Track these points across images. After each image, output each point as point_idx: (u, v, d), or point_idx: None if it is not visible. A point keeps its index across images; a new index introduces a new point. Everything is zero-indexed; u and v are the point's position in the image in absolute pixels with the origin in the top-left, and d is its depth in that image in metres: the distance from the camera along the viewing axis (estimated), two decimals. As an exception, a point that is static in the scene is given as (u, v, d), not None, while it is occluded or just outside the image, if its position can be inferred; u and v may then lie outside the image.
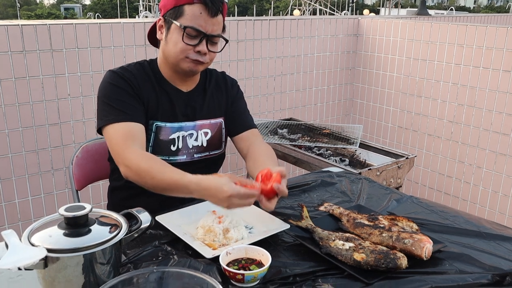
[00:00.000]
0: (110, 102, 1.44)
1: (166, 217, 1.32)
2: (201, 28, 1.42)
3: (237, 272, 1.03)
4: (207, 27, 1.43)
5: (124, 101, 1.44)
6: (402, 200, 1.53)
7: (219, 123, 1.63)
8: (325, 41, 3.41)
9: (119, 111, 1.43)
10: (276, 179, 1.29)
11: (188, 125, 1.56)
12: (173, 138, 1.53)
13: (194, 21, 1.41)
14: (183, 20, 1.42)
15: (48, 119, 2.36)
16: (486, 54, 2.79)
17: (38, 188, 2.40)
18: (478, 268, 1.12)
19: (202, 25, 1.42)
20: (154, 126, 1.50)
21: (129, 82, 1.47)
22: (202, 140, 1.58)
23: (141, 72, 1.53)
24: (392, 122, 3.46)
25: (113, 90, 1.45)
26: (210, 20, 1.43)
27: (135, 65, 1.54)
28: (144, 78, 1.52)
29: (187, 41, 1.43)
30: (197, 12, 1.41)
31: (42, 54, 2.28)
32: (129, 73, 1.49)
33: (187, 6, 1.42)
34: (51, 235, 1.02)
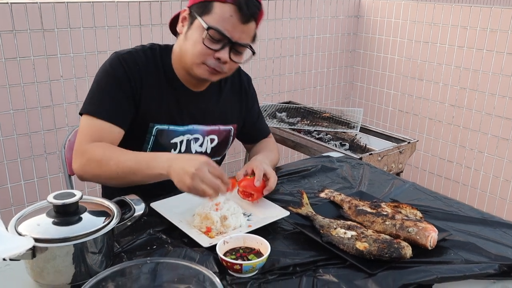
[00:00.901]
0: (100, 91, 1.33)
1: (161, 204, 1.27)
2: (226, 33, 1.24)
3: (235, 263, 0.99)
4: (235, 33, 1.25)
5: (114, 98, 1.31)
6: (404, 186, 1.49)
7: (228, 130, 1.51)
8: (325, 22, 3.33)
9: (103, 105, 1.31)
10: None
11: (196, 128, 1.43)
12: (175, 142, 1.41)
13: (221, 23, 1.24)
14: (209, 19, 1.24)
15: (40, 102, 2.30)
16: (490, 36, 2.72)
17: (31, 172, 2.35)
18: (484, 258, 1.09)
19: (229, 29, 1.24)
20: (154, 130, 1.38)
21: (129, 76, 1.32)
22: (207, 147, 1.48)
23: (150, 62, 1.37)
24: (392, 106, 3.40)
25: (108, 80, 1.32)
26: (240, 26, 1.25)
27: (145, 51, 1.38)
28: (151, 71, 1.36)
29: (208, 44, 1.25)
30: (227, 14, 1.23)
31: (33, 34, 2.20)
32: (134, 63, 1.34)
33: (217, 4, 1.24)
34: (39, 223, 0.98)
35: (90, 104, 1.33)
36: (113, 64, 1.33)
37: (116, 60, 1.33)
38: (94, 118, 1.30)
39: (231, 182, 1.21)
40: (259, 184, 1.30)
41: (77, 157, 1.30)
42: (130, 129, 1.36)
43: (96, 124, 1.30)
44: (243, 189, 1.29)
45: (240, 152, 3.11)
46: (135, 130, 1.37)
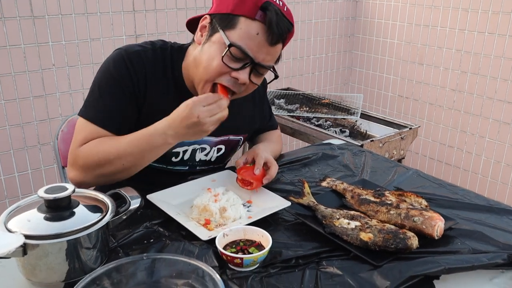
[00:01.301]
0: (100, 93, 1.21)
1: (157, 195, 1.23)
2: (250, 53, 1.12)
3: (235, 256, 0.96)
4: (259, 54, 1.13)
5: (114, 102, 1.20)
6: (408, 173, 1.45)
7: (237, 140, 1.42)
8: (323, 6, 3.26)
9: (103, 111, 1.20)
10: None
11: (205, 139, 1.33)
12: (178, 151, 1.31)
13: (245, 41, 1.11)
14: (233, 34, 1.12)
15: (32, 91, 2.24)
16: (492, 18, 2.66)
17: (25, 164, 2.30)
18: (492, 247, 1.05)
19: (253, 49, 1.12)
20: None
21: (133, 80, 1.20)
22: (212, 156, 1.39)
23: (158, 66, 1.24)
24: (392, 91, 3.35)
25: (110, 82, 1.21)
26: (266, 47, 1.12)
27: (155, 51, 1.24)
28: (160, 76, 1.23)
29: (227, 62, 1.13)
30: (253, 32, 1.11)
31: (22, 21, 2.13)
32: (141, 66, 1.21)
33: (243, 19, 1.11)
34: (30, 219, 0.94)
35: (90, 108, 1.22)
36: (117, 64, 1.21)
37: (121, 61, 1.21)
38: (92, 124, 1.20)
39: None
40: (258, 172, 1.26)
41: (72, 164, 1.22)
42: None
43: (93, 130, 1.20)
44: (242, 177, 1.25)
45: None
46: None
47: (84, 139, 1.20)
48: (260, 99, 1.49)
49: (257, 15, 1.10)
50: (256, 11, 1.10)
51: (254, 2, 1.11)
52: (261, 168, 1.28)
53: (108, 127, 1.20)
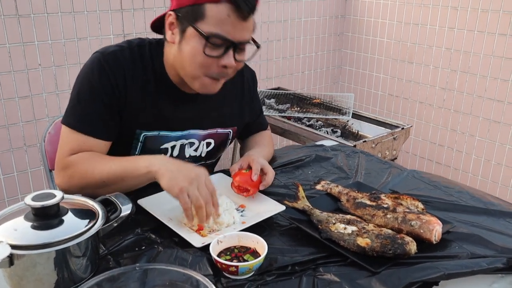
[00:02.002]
0: (79, 101, 1.21)
1: (149, 200, 1.20)
2: (229, 36, 1.11)
3: (230, 264, 0.93)
4: (236, 33, 1.12)
5: (94, 109, 1.20)
6: (402, 175, 1.43)
7: (226, 133, 1.41)
8: (313, 4, 3.24)
9: (83, 118, 1.20)
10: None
11: (193, 133, 1.33)
12: (166, 147, 1.30)
13: (219, 27, 1.10)
14: (205, 24, 1.10)
15: (17, 92, 2.18)
16: (481, 16, 2.67)
17: (10, 166, 2.25)
18: (490, 250, 1.04)
19: (230, 31, 1.11)
20: (142, 136, 1.26)
21: (111, 83, 1.19)
22: (202, 151, 1.37)
23: (137, 63, 1.23)
24: (382, 90, 3.35)
25: (88, 89, 1.20)
26: (241, 24, 1.11)
27: (132, 49, 1.23)
28: (139, 75, 1.22)
29: (210, 53, 1.12)
30: (223, 15, 1.09)
31: (7, 20, 2.08)
32: (118, 65, 1.20)
33: (209, 6, 1.09)
34: (16, 228, 0.90)
35: (71, 116, 1.22)
36: (95, 68, 1.20)
37: (98, 64, 1.20)
38: (75, 132, 1.20)
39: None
40: (256, 178, 1.24)
41: (59, 171, 1.22)
42: (117, 136, 1.26)
43: (78, 138, 1.20)
44: (239, 184, 1.22)
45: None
46: (121, 136, 1.26)
47: (71, 149, 1.20)
48: (250, 93, 1.47)
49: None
50: None
51: None
52: (259, 174, 1.25)
53: (91, 133, 1.21)
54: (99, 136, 1.21)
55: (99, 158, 1.20)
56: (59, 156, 1.22)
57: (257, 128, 1.56)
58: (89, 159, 1.19)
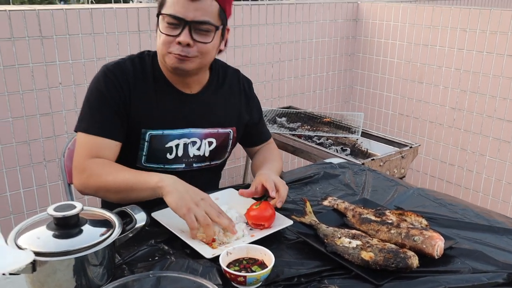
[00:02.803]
0: (90, 107, 1.35)
1: (162, 213, 1.25)
2: (178, 14, 1.26)
3: (238, 274, 0.98)
4: (187, 13, 1.26)
5: (103, 113, 1.34)
6: (408, 192, 1.47)
7: (227, 133, 1.49)
8: (324, 26, 3.32)
9: (94, 122, 1.33)
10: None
11: (193, 132, 1.43)
12: (171, 146, 1.40)
13: (172, 8, 1.27)
14: (165, 9, 1.28)
15: (39, 109, 2.28)
16: (490, 38, 2.71)
17: (30, 180, 2.33)
18: (492, 266, 1.07)
19: (180, 11, 1.26)
20: (147, 136, 1.38)
21: (117, 89, 1.34)
22: (205, 150, 1.46)
23: (137, 70, 1.38)
24: (392, 109, 3.39)
25: (97, 96, 1.35)
26: (191, 4, 1.26)
27: (133, 60, 1.40)
28: (140, 80, 1.37)
29: (167, 32, 1.28)
30: None
31: (31, 41, 2.19)
32: (121, 73, 1.35)
33: None
34: (39, 236, 0.96)
35: (83, 121, 1.35)
36: (101, 79, 1.35)
37: (103, 75, 1.36)
38: (89, 135, 1.32)
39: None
40: (274, 194, 1.29)
41: (78, 173, 1.32)
42: (124, 138, 1.37)
43: (92, 140, 1.32)
44: (253, 221, 1.23)
45: (240, 157, 3.10)
46: (129, 138, 1.38)
47: (88, 152, 1.32)
48: (246, 96, 1.56)
49: None
50: None
51: None
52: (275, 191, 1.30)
53: (103, 135, 1.33)
54: (110, 137, 1.33)
55: (114, 166, 1.31)
56: (77, 159, 1.33)
57: (260, 137, 1.64)
58: (106, 164, 1.30)
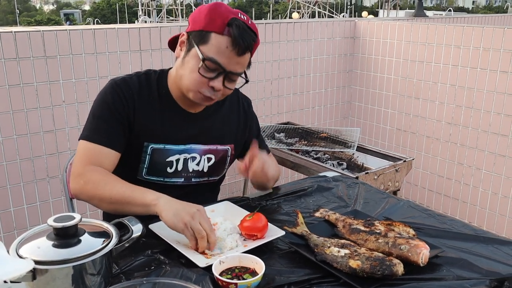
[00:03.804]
0: (94, 117, 1.40)
1: (159, 225, 1.29)
2: (222, 64, 1.30)
3: (230, 282, 1.02)
4: (230, 64, 1.31)
5: (107, 123, 1.38)
6: (399, 204, 1.51)
7: (225, 150, 1.54)
8: (322, 44, 3.40)
9: (97, 130, 1.38)
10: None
11: (194, 148, 1.47)
12: (171, 160, 1.45)
13: (217, 54, 1.29)
14: (206, 48, 1.29)
15: (42, 126, 2.35)
16: (483, 55, 2.77)
17: (34, 196, 2.39)
18: (476, 274, 1.10)
19: (224, 61, 1.29)
20: (149, 149, 1.42)
21: (123, 102, 1.39)
22: (204, 165, 1.51)
23: (143, 86, 1.43)
24: (390, 124, 3.44)
25: (102, 107, 1.40)
26: (235, 58, 1.30)
27: (139, 77, 1.44)
28: (145, 95, 1.42)
29: (203, 73, 1.31)
30: (223, 45, 1.28)
31: (36, 61, 2.26)
32: (127, 87, 1.41)
33: (214, 35, 1.28)
34: (39, 246, 1.00)
35: (87, 130, 1.40)
36: (108, 91, 1.41)
37: (110, 88, 1.41)
38: (91, 142, 1.37)
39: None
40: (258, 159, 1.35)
41: (75, 178, 1.36)
42: (126, 150, 1.42)
43: (93, 148, 1.37)
44: (246, 232, 1.26)
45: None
46: (131, 150, 1.42)
47: (88, 158, 1.36)
48: (245, 114, 1.60)
49: (225, 31, 1.28)
50: (224, 27, 1.28)
51: (222, 19, 1.28)
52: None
53: (104, 143, 1.37)
54: (111, 146, 1.37)
55: (112, 177, 1.35)
56: (76, 165, 1.37)
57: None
58: (104, 174, 1.34)
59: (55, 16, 39.49)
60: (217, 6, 1.32)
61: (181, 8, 20.43)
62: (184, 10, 21.25)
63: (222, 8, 1.32)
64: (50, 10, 48.77)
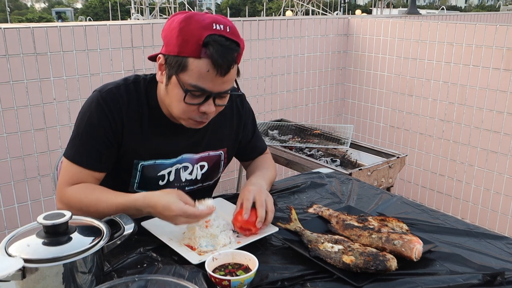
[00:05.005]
0: (78, 135, 1.31)
1: (151, 222, 1.29)
2: (208, 89, 1.20)
3: (223, 278, 1.01)
4: (216, 86, 1.20)
5: (91, 144, 1.30)
6: (392, 200, 1.51)
7: (218, 155, 1.48)
8: (315, 41, 3.39)
9: (81, 151, 1.31)
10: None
11: (185, 157, 1.41)
12: (163, 174, 1.40)
13: (199, 80, 1.18)
14: (186, 76, 1.18)
15: (33, 124, 2.32)
16: (475, 52, 2.78)
17: (25, 195, 2.36)
18: (469, 268, 1.10)
19: (209, 85, 1.19)
20: (139, 166, 1.36)
21: (109, 121, 1.29)
22: (197, 174, 1.45)
23: (132, 99, 1.32)
24: (383, 121, 3.45)
25: (87, 126, 1.30)
26: (220, 79, 1.19)
27: (127, 86, 1.33)
28: (134, 109, 1.32)
29: (190, 101, 1.21)
30: (203, 70, 1.17)
31: (26, 58, 2.24)
32: (115, 101, 1.30)
33: (192, 60, 1.17)
34: (29, 244, 0.99)
35: (71, 149, 1.33)
36: (93, 106, 1.30)
37: (96, 102, 1.30)
38: (73, 164, 1.31)
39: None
40: (247, 217, 1.25)
41: (58, 201, 1.34)
42: (116, 166, 1.37)
43: (74, 169, 1.32)
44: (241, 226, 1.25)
45: (234, 170, 3.14)
46: (121, 166, 1.37)
47: (69, 180, 1.32)
48: (239, 113, 1.52)
49: (201, 53, 1.16)
50: (199, 50, 1.16)
51: (195, 40, 1.16)
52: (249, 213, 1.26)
53: (85, 166, 1.32)
54: (92, 168, 1.32)
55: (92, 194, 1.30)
56: (58, 187, 1.34)
57: (254, 151, 1.62)
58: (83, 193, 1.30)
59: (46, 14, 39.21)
60: (187, 23, 1.18)
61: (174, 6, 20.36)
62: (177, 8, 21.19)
63: (192, 24, 1.17)
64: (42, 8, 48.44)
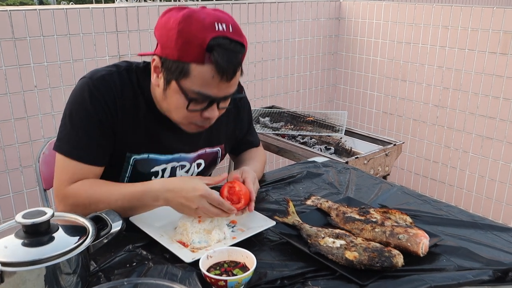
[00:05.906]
0: (72, 127, 1.20)
1: (140, 217, 1.21)
2: (212, 95, 1.13)
3: (219, 279, 0.94)
4: (221, 91, 1.13)
5: (89, 136, 1.20)
6: (392, 190, 1.45)
7: (215, 152, 1.43)
8: (306, 25, 3.30)
9: (77, 144, 1.20)
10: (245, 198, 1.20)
11: (183, 157, 1.34)
12: (157, 170, 1.31)
13: (202, 86, 1.10)
14: (189, 82, 1.10)
15: (13, 113, 2.21)
16: (471, 35, 2.72)
17: (6, 187, 2.26)
18: (477, 263, 1.05)
19: (213, 91, 1.12)
20: (132, 160, 1.27)
21: (104, 109, 1.19)
22: (193, 172, 1.40)
23: (126, 87, 1.23)
24: (376, 107, 3.39)
25: (82, 115, 1.19)
26: (225, 84, 1.12)
27: (120, 73, 1.23)
28: (128, 96, 1.22)
29: (193, 108, 1.14)
30: (207, 76, 1.09)
31: (3, 43, 2.12)
32: (109, 90, 1.20)
33: (194, 66, 1.08)
34: (7, 245, 0.91)
35: (66, 143, 1.21)
36: (86, 94, 1.19)
37: (88, 90, 1.19)
38: (71, 159, 1.20)
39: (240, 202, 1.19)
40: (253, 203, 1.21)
41: (60, 201, 1.22)
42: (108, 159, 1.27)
43: (74, 166, 1.20)
44: (229, 196, 1.19)
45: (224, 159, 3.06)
46: (112, 159, 1.26)
47: (70, 178, 1.21)
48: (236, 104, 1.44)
49: (205, 59, 1.08)
50: (203, 55, 1.07)
51: (199, 44, 1.07)
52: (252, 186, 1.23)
53: (87, 161, 1.21)
54: (94, 163, 1.22)
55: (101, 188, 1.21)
56: (58, 186, 1.22)
57: (246, 145, 1.57)
58: (91, 189, 1.20)
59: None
60: (187, 23, 1.08)
61: (159, -9, 20.03)
62: (162, -7, 20.82)
63: (193, 25, 1.07)
64: (24, -7, 47.34)
